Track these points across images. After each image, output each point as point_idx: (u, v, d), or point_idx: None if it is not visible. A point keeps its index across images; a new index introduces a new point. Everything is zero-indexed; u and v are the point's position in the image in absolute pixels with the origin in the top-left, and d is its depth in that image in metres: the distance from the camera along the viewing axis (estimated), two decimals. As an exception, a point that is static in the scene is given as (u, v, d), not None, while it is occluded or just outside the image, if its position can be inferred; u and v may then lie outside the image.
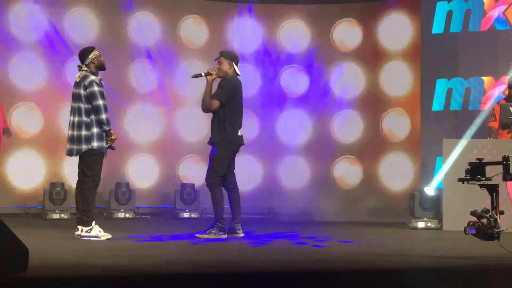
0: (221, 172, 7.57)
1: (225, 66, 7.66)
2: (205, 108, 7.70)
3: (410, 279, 4.69)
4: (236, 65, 7.72)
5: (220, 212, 7.50)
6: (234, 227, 7.58)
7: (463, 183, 5.86)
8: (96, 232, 7.03)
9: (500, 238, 5.62)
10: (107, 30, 11.31)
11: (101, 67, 7.37)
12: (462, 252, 6.18)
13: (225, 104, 7.53)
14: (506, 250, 5.84)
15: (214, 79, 7.68)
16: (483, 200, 6.11)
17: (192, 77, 7.78)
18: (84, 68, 7.26)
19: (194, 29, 11.86)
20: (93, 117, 7.13)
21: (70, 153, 7.28)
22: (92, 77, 7.18)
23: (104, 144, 7.20)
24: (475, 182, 5.74)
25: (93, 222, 7.07)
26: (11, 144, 10.37)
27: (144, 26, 11.51)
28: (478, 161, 5.81)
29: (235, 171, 7.83)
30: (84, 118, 7.13)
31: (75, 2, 11.22)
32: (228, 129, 7.58)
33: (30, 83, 10.87)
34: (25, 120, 10.74)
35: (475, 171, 5.75)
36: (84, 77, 7.19)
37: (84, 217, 7.06)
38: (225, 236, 7.39)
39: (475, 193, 8.15)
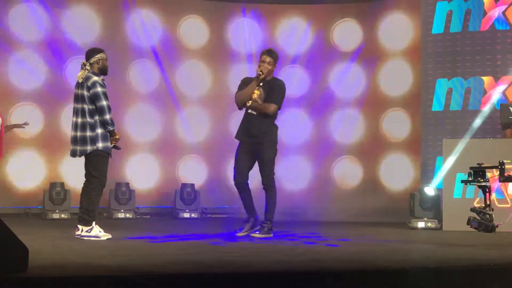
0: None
1: (273, 67, 7.69)
2: (242, 102, 7.60)
3: (410, 279, 4.69)
4: None
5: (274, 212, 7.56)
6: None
7: (465, 184, 6.88)
8: (96, 232, 7.03)
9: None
10: (107, 30, 11.32)
11: (103, 71, 7.34)
12: (462, 252, 6.18)
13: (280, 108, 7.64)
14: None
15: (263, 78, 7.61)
16: (480, 200, 6.45)
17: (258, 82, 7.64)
18: (88, 66, 7.23)
19: (194, 29, 11.86)
20: (97, 117, 7.12)
21: (73, 154, 7.25)
22: (95, 78, 7.16)
23: (109, 144, 7.18)
24: (476, 183, 6.71)
25: (94, 222, 7.08)
26: (11, 144, 10.37)
27: (144, 26, 11.51)
28: (478, 165, 6.74)
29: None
30: (88, 119, 7.11)
31: (76, 2, 11.22)
32: (275, 130, 7.65)
33: (30, 83, 10.87)
34: (25, 120, 10.74)
35: (476, 174, 6.70)
36: (86, 78, 7.16)
37: (87, 216, 7.06)
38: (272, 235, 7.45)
39: (474, 193, 8.22)
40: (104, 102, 7.10)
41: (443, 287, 4.67)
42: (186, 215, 10.72)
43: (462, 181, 6.90)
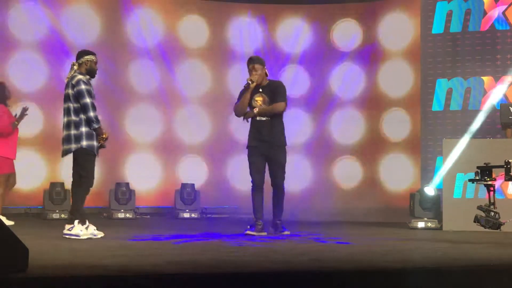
0: None
1: (263, 71, 7.73)
2: (240, 113, 7.77)
3: (410, 279, 4.69)
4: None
5: None
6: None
7: (473, 183, 7.07)
8: (77, 231, 6.94)
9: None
10: (107, 30, 11.33)
11: (91, 73, 7.25)
12: (462, 252, 6.18)
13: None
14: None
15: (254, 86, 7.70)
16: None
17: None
18: (76, 66, 7.21)
19: (194, 29, 11.87)
20: (82, 116, 7.07)
21: (63, 153, 7.24)
22: (79, 76, 7.11)
23: (94, 143, 7.10)
24: (482, 182, 6.89)
25: (76, 221, 7.00)
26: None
27: (144, 26, 11.52)
28: (485, 164, 6.89)
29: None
30: (73, 117, 7.08)
31: (76, 2, 11.23)
32: (284, 132, 7.78)
33: (30, 83, 10.87)
34: (25, 120, 10.73)
35: (483, 173, 6.87)
36: (72, 77, 7.14)
37: (70, 214, 7.01)
38: None
39: (474, 192, 8.21)
40: (87, 100, 7.03)
41: (443, 287, 4.67)
42: (186, 215, 10.72)
43: (469, 180, 7.09)
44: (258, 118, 7.67)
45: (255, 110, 7.65)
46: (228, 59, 12.00)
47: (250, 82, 7.62)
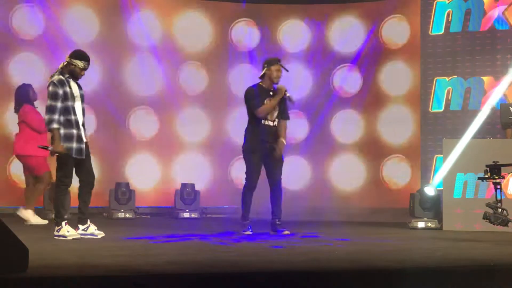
0: None
1: None
2: (265, 116, 7.83)
3: (410, 279, 4.69)
4: None
5: None
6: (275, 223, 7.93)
7: (482, 181, 7.26)
8: (64, 232, 6.91)
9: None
10: (107, 30, 11.32)
11: (73, 76, 7.13)
12: (462, 252, 6.18)
13: None
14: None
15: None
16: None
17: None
18: (61, 65, 7.11)
19: (194, 29, 11.87)
20: (60, 117, 6.99)
21: None
22: (54, 77, 7.02)
23: (72, 145, 6.97)
24: (491, 180, 7.05)
25: (64, 222, 6.96)
26: (12, 144, 10.35)
27: (144, 25, 11.52)
28: (494, 163, 7.07)
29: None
30: None
31: (76, 2, 11.23)
32: None
33: (30, 82, 10.85)
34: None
35: (492, 171, 7.05)
36: (50, 77, 7.08)
37: (56, 218, 6.99)
38: None
39: (474, 192, 8.21)
40: (49, 102, 6.91)
41: (443, 287, 4.67)
42: (186, 215, 10.71)
43: (479, 178, 7.28)
44: (266, 123, 7.81)
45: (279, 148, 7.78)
46: (229, 58, 12.00)
47: (286, 94, 7.84)
